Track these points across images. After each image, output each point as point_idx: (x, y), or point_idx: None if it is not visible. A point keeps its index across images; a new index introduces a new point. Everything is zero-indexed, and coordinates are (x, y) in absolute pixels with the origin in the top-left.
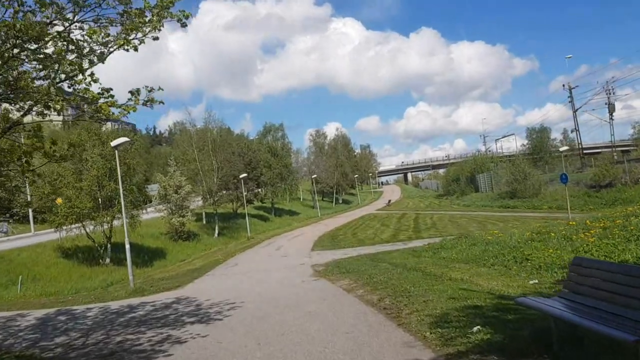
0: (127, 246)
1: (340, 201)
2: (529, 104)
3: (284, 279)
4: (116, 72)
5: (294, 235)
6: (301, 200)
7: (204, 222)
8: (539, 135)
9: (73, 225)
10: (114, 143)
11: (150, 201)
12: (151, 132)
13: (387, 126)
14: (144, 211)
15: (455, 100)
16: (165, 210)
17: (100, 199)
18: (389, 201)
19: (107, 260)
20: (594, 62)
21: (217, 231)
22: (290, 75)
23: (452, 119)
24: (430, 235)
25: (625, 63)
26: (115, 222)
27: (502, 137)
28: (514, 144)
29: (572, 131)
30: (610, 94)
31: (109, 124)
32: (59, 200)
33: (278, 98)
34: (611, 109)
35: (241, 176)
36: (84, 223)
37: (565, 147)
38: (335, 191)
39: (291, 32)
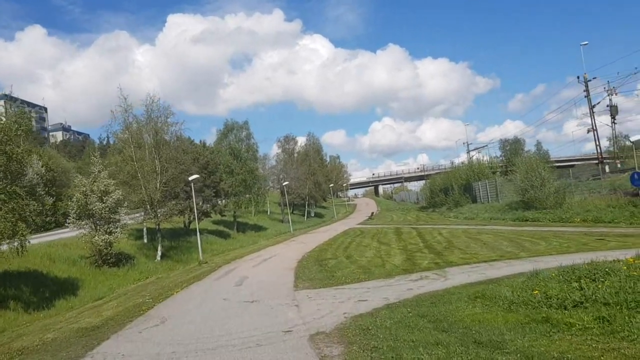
0: None
1: (313, 214)
2: (489, 121)
3: None
4: (80, 83)
5: (262, 257)
6: (268, 213)
7: (145, 240)
8: (512, 147)
9: None
10: None
11: (66, 214)
12: (105, 142)
13: (352, 140)
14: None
15: (419, 116)
16: (86, 226)
17: None
18: (372, 214)
19: None
20: (550, 80)
21: (159, 253)
22: (258, 90)
23: (416, 134)
24: (464, 261)
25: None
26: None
27: (476, 149)
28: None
29: (588, 131)
30: (612, 94)
31: (59, 133)
32: None
33: (245, 112)
34: (613, 111)
35: (191, 177)
36: None
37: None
38: (307, 203)
39: (260, 47)
